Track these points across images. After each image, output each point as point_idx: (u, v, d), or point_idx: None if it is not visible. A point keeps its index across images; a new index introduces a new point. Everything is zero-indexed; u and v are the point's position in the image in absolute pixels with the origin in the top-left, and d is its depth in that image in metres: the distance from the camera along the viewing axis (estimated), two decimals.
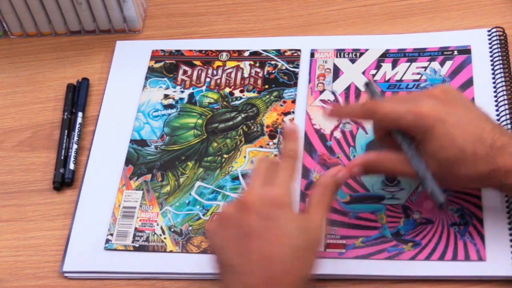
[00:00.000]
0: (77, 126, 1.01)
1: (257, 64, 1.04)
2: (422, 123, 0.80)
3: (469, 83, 0.98)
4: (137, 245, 0.91)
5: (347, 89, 1.00)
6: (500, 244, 0.85)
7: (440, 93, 0.82)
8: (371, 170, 0.85)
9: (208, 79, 1.04)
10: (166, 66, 1.06)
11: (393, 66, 1.01)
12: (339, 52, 1.03)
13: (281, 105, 1.00)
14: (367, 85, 0.89)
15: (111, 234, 0.91)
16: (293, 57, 1.04)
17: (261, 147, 0.97)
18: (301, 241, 0.76)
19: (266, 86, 1.02)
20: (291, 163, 0.81)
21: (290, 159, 0.82)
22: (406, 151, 0.82)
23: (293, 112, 0.99)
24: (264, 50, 1.05)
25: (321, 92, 1.00)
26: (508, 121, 0.92)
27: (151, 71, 1.05)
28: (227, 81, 1.03)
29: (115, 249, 0.91)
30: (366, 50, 1.03)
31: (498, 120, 0.93)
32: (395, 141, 0.83)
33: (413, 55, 1.01)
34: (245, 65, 1.04)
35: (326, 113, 0.86)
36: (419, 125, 0.80)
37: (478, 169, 0.78)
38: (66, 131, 1.01)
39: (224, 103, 1.01)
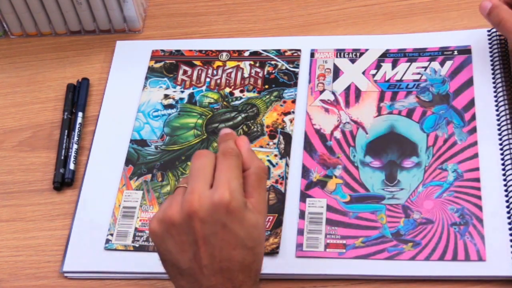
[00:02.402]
0: (77, 126, 1.01)
1: (257, 64, 1.04)
2: None
3: (469, 83, 0.98)
4: (137, 245, 0.90)
5: (347, 89, 1.00)
6: (500, 244, 0.85)
7: None
8: (491, 15, 0.95)
9: (208, 79, 1.04)
10: (166, 66, 1.06)
11: (393, 66, 1.01)
12: (339, 52, 1.03)
13: (281, 105, 1.00)
14: None
15: (111, 234, 0.91)
16: (293, 57, 1.04)
17: (261, 147, 0.97)
18: (251, 241, 0.75)
19: (266, 86, 1.02)
20: (233, 162, 0.76)
21: (232, 157, 0.76)
22: None
23: (293, 112, 0.99)
24: (264, 50, 1.05)
25: (321, 92, 1.00)
26: (508, 121, 0.93)
27: (151, 71, 1.05)
28: (227, 81, 1.03)
29: (115, 249, 0.90)
30: (366, 50, 1.03)
31: (498, 120, 0.94)
32: None
33: (413, 55, 1.01)
34: (245, 65, 1.04)
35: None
36: None
37: None
38: (66, 131, 1.01)
39: (224, 103, 1.01)
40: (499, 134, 0.93)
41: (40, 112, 1.05)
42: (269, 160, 0.95)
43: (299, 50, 1.04)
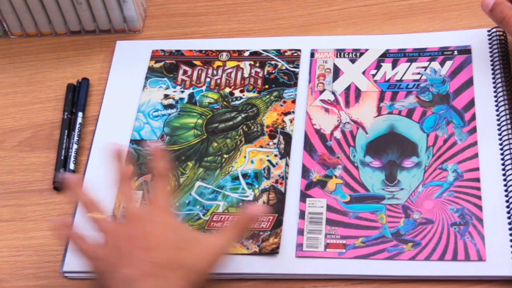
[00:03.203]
0: (77, 126, 1.01)
1: (257, 64, 1.04)
2: None
3: (469, 83, 0.98)
4: None
5: (347, 89, 1.00)
6: (500, 244, 0.85)
7: None
8: (494, 12, 0.95)
9: (208, 79, 1.04)
10: (166, 66, 1.06)
11: (393, 66, 1.01)
12: (339, 52, 1.03)
13: (281, 105, 1.00)
14: None
15: None
16: (293, 57, 1.04)
17: (261, 147, 0.97)
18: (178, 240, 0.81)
19: (266, 86, 1.02)
20: (167, 181, 0.88)
21: (167, 177, 0.87)
22: None
23: (293, 112, 0.99)
24: (264, 50, 1.05)
25: (321, 92, 1.00)
26: (508, 121, 0.93)
27: (151, 71, 1.05)
28: (227, 81, 1.03)
29: None
30: (366, 50, 1.03)
31: (498, 120, 0.94)
32: None
33: (413, 55, 1.01)
34: (245, 65, 1.04)
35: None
36: None
37: None
38: (66, 131, 1.01)
39: (224, 103, 1.01)
40: (499, 134, 0.93)
41: (40, 112, 1.05)
42: (269, 160, 0.95)
43: (299, 50, 1.04)
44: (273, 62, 1.04)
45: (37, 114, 1.05)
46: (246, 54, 1.05)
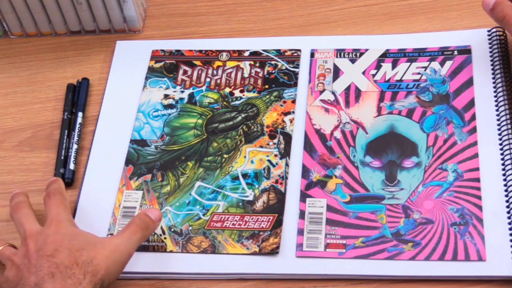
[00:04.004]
0: (77, 126, 1.01)
1: (257, 64, 1.04)
2: None
3: (469, 83, 0.98)
4: None
5: (347, 89, 1.00)
6: (500, 244, 0.85)
7: None
8: (495, 11, 0.94)
9: (208, 79, 1.04)
10: (166, 66, 1.06)
11: (393, 66, 1.01)
12: (339, 52, 1.03)
13: (281, 105, 1.00)
14: None
15: (111, 234, 0.91)
16: (293, 57, 1.04)
17: (261, 147, 0.97)
18: (77, 242, 0.85)
19: (266, 86, 1.02)
20: (60, 198, 0.90)
21: (58, 195, 0.91)
22: None
23: (293, 112, 0.99)
24: (264, 50, 1.05)
25: (321, 92, 1.00)
26: (508, 121, 0.93)
27: (151, 71, 1.05)
28: (227, 81, 1.03)
29: None
30: (366, 50, 1.03)
31: (498, 120, 0.94)
32: None
33: (413, 55, 1.01)
34: (245, 65, 1.04)
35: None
36: None
37: None
38: (66, 131, 1.01)
39: (224, 103, 1.01)
40: (499, 134, 0.93)
41: (40, 112, 1.05)
42: (269, 160, 0.95)
43: (299, 50, 1.04)
44: (273, 62, 1.04)
45: (37, 114, 1.05)
46: (246, 54, 1.05)
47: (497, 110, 0.94)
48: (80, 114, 1.03)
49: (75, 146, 0.99)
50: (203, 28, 1.10)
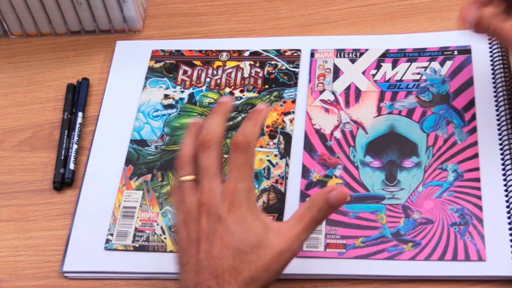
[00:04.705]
0: (77, 126, 1.01)
1: (257, 64, 1.04)
2: None
3: (469, 83, 0.98)
4: (137, 245, 0.91)
5: (347, 89, 1.00)
6: (500, 244, 0.85)
7: None
8: (482, 26, 0.86)
9: (208, 79, 1.04)
10: (166, 66, 1.06)
11: (393, 66, 1.01)
12: (339, 52, 1.03)
13: (281, 105, 1.00)
14: None
15: (111, 234, 0.91)
16: (293, 57, 1.04)
17: (261, 147, 0.97)
18: (244, 245, 0.75)
19: (266, 86, 1.02)
20: (247, 156, 0.78)
21: (241, 153, 0.78)
22: None
23: (293, 112, 0.99)
24: (264, 50, 1.05)
25: (321, 92, 1.00)
26: (508, 121, 0.93)
27: (151, 71, 1.05)
28: (227, 81, 1.03)
29: (115, 249, 0.90)
30: (366, 50, 1.03)
31: (498, 120, 0.94)
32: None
33: (413, 55, 1.01)
34: (245, 65, 1.04)
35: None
36: None
37: None
38: (66, 131, 1.01)
39: None
40: (499, 134, 0.93)
41: (40, 112, 1.05)
42: (269, 160, 0.95)
43: (299, 50, 1.04)
44: (273, 62, 1.04)
45: (37, 114, 1.05)
46: (246, 54, 1.05)
47: (497, 110, 0.94)
48: (80, 114, 1.03)
49: (75, 146, 0.99)
50: (203, 28, 1.10)
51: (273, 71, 1.03)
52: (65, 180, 0.97)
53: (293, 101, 1.00)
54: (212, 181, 0.78)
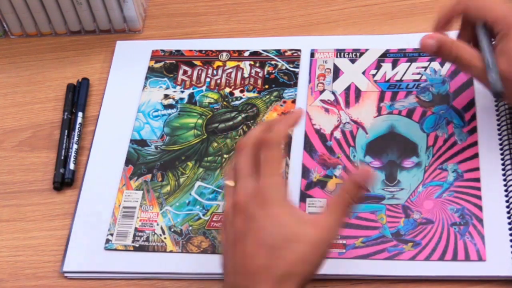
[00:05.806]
0: (77, 126, 1.01)
1: (257, 64, 1.04)
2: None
3: (469, 83, 0.98)
4: (137, 245, 0.91)
5: (347, 89, 1.00)
6: (500, 244, 0.85)
7: None
8: (443, 52, 0.88)
9: (208, 79, 1.04)
10: (166, 66, 1.06)
11: (393, 66, 1.01)
12: (339, 52, 1.03)
13: (281, 105, 1.00)
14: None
15: (111, 234, 0.91)
16: (293, 57, 1.04)
17: None
18: (277, 240, 0.75)
19: (266, 86, 1.02)
20: (275, 152, 0.79)
21: (270, 149, 0.79)
22: (482, 43, 0.87)
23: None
24: (264, 50, 1.05)
25: (321, 92, 1.00)
26: (508, 121, 0.93)
27: (151, 71, 1.05)
28: (227, 81, 1.03)
29: (115, 249, 0.91)
30: (366, 50, 1.03)
31: (498, 120, 0.94)
32: (473, 39, 0.89)
33: (413, 55, 1.01)
34: (245, 65, 1.04)
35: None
36: (509, 20, 0.85)
37: None
38: (66, 131, 1.01)
39: (224, 103, 1.01)
40: (499, 134, 0.93)
41: (40, 112, 1.05)
42: None
43: (299, 50, 1.04)
44: (273, 62, 1.04)
45: (37, 114, 1.05)
46: (246, 54, 1.05)
47: (497, 110, 0.94)
48: (80, 114, 1.03)
49: (75, 146, 1.00)
50: (203, 28, 1.10)
51: (273, 71, 1.03)
52: (65, 180, 0.97)
53: (293, 101, 1.00)
54: (245, 181, 0.78)
